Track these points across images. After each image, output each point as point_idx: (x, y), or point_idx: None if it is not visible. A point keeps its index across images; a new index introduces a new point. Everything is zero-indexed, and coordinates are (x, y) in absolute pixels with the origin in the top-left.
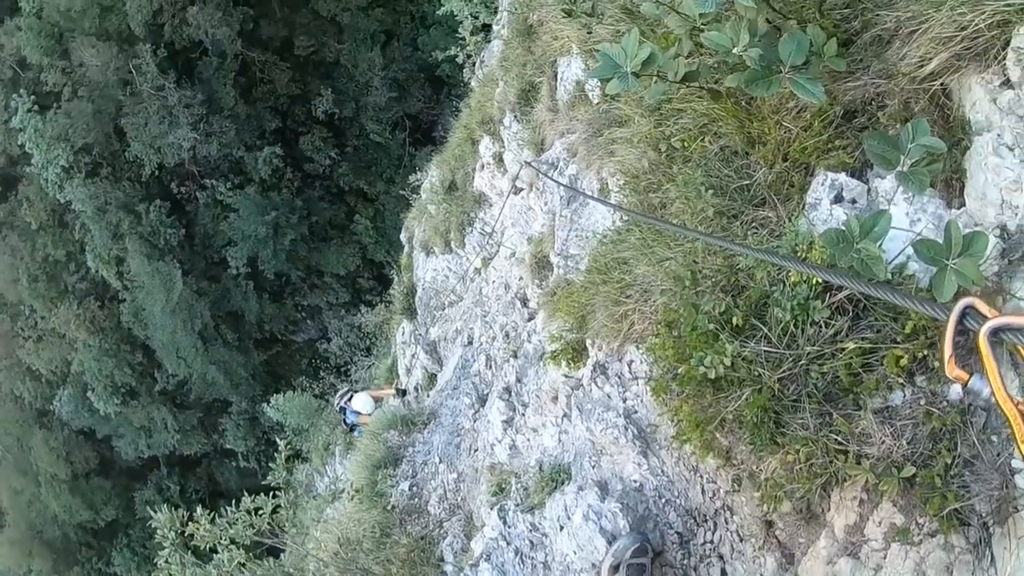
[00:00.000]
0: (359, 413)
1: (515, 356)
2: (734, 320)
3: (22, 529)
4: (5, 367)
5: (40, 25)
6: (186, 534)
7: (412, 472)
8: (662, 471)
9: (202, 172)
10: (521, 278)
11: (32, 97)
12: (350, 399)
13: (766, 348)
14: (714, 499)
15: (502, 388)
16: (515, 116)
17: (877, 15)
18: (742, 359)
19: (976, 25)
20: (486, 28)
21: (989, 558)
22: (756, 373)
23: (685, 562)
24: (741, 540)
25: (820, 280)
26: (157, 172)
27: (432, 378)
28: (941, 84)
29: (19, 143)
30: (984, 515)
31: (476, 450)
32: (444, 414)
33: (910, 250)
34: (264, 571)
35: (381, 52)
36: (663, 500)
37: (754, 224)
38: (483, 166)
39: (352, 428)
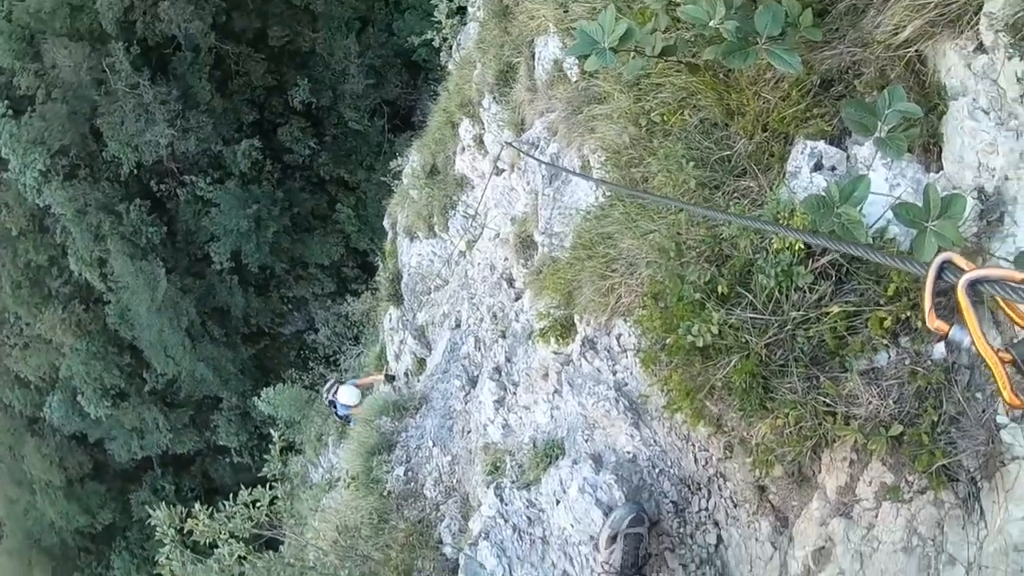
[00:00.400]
0: (348, 406)
1: (503, 336)
2: (719, 289)
3: (20, 539)
4: None
5: (10, 28)
6: (185, 531)
7: (406, 457)
8: (654, 441)
9: (181, 168)
10: (506, 259)
11: (6, 102)
12: (336, 392)
13: (752, 315)
14: (707, 467)
15: (492, 368)
16: (494, 97)
17: None
18: (729, 326)
19: None
20: (461, 11)
21: (979, 512)
22: (743, 340)
23: (681, 530)
24: (735, 506)
25: (803, 246)
26: (136, 171)
27: (422, 363)
28: (916, 51)
29: None
30: (972, 471)
31: (469, 432)
32: (435, 398)
33: (890, 214)
34: (265, 563)
35: (356, 39)
36: (657, 470)
37: (736, 194)
38: (464, 149)
39: (346, 420)
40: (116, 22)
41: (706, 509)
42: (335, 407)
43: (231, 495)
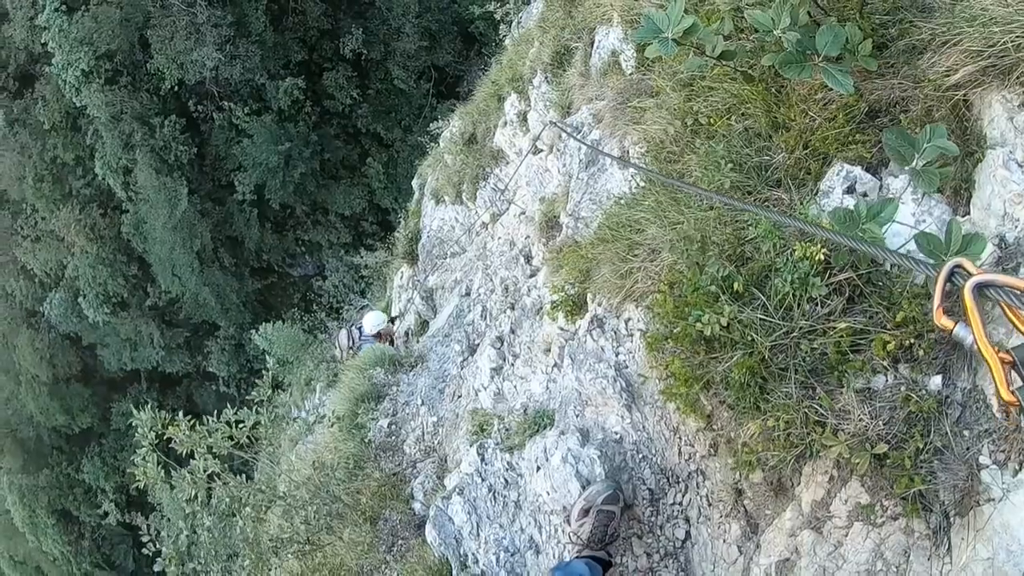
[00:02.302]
0: (370, 335)
1: (512, 308)
2: (735, 286)
3: None
4: (0, 263)
5: None
6: (164, 438)
7: (393, 411)
8: (643, 427)
9: (221, 94)
10: (528, 236)
11: None
12: (359, 327)
13: (762, 316)
14: (689, 462)
15: (495, 337)
16: (546, 77)
17: (915, 25)
18: (738, 322)
19: (1004, 44)
20: None
21: (946, 546)
22: (749, 338)
23: (652, 519)
24: (709, 505)
25: (821, 258)
26: (176, 88)
27: (424, 324)
28: (964, 96)
29: (42, 41)
30: (947, 504)
31: (460, 396)
32: (432, 359)
33: (912, 245)
34: (236, 484)
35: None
36: (640, 456)
37: (767, 203)
38: (506, 123)
39: None
40: None
41: (680, 503)
42: (353, 342)
43: (215, 413)
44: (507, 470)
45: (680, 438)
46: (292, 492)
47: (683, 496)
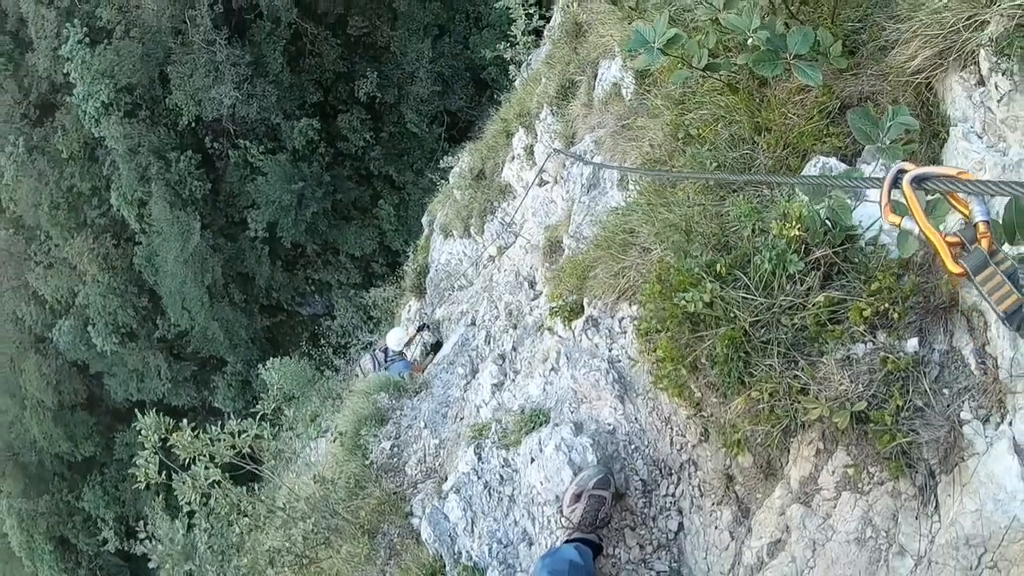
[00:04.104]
0: (395, 351)
1: (514, 328)
2: (718, 268)
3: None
4: (12, 287)
5: None
6: (167, 444)
7: (396, 433)
8: (636, 419)
9: (237, 131)
10: (532, 266)
11: (85, 29)
12: (383, 349)
13: (744, 295)
14: (681, 452)
15: (497, 355)
16: (551, 110)
17: (883, 27)
18: (720, 299)
19: (955, 27)
20: (537, 33)
21: (934, 504)
22: (732, 314)
23: (645, 511)
24: (701, 495)
25: (797, 235)
26: (194, 124)
27: (429, 356)
28: (926, 80)
29: (64, 71)
30: (931, 462)
31: (462, 418)
32: (436, 385)
33: (885, 226)
34: (236, 494)
35: (432, 45)
36: (632, 446)
37: (749, 198)
38: (513, 158)
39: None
40: None
41: (673, 495)
42: (379, 365)
43: (220, 424)
44: (503, 467)
45: (672, 428)
46: (292, 503)
47: (676, 488)
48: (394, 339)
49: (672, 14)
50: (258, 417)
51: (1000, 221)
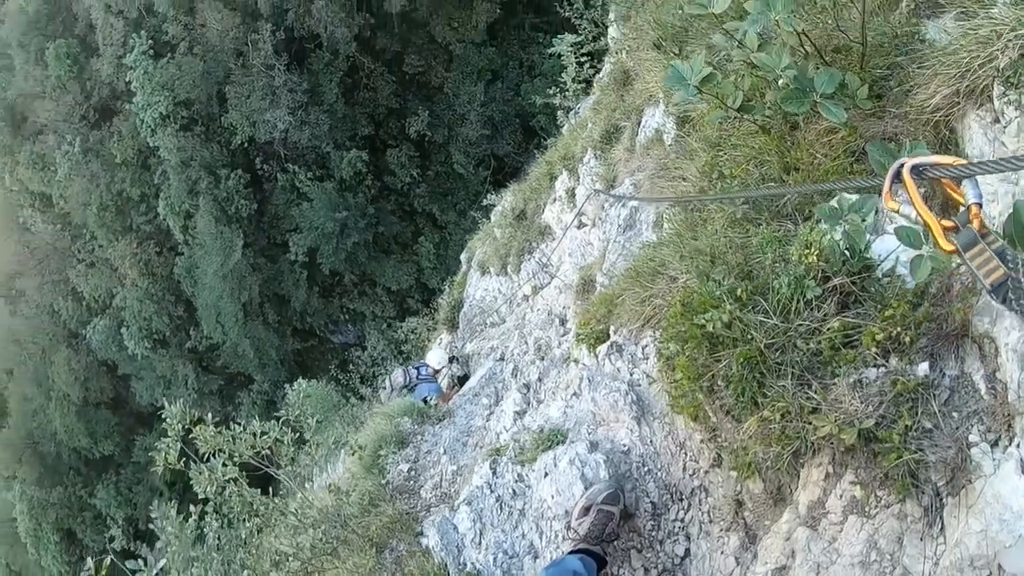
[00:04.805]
0: (435, 369)
1: (541, 360)
2: (739, 292)
3: (20, 435)
4: (52, 281)
5: None
6: (190, 436)
7: (415, 457)
8: (651, 441)
9: (288, 156)
10: (565, 305)
11: (150, 41)
12: (418, 366)
13: (762, 318)
14: (693, 477)
15: (522, 384)
16: (595, 154)
17: (908, 72)
18: (739, 320)
19: (970, 64)
20: (588, 83)
21: (939, 526)
22: (749, 336)
23: (653, 534)
24: (710, 521)
25: (817, 262)
26: (246, 144)
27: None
28: (944, 117)
29: (127, 80)
30: (938, 483)
31: (482, 447)
32: (460, 415)
33: (901, 258)
34: (250, 493)
35: (484, 89)
36: (645, 468)
37: (775, 233)
38: (555, 200)
39: (425, 401)
40: (271, 4)
41: (682, 520)
42: (409, 380)
43: (243, 426)
44: (517, 481)
45: (686, 453)
46: (304, 509)
47: (685, 513)
48: (434, 358)
49: (710, 57)
50: (280, 421)
51: (1002, 232)
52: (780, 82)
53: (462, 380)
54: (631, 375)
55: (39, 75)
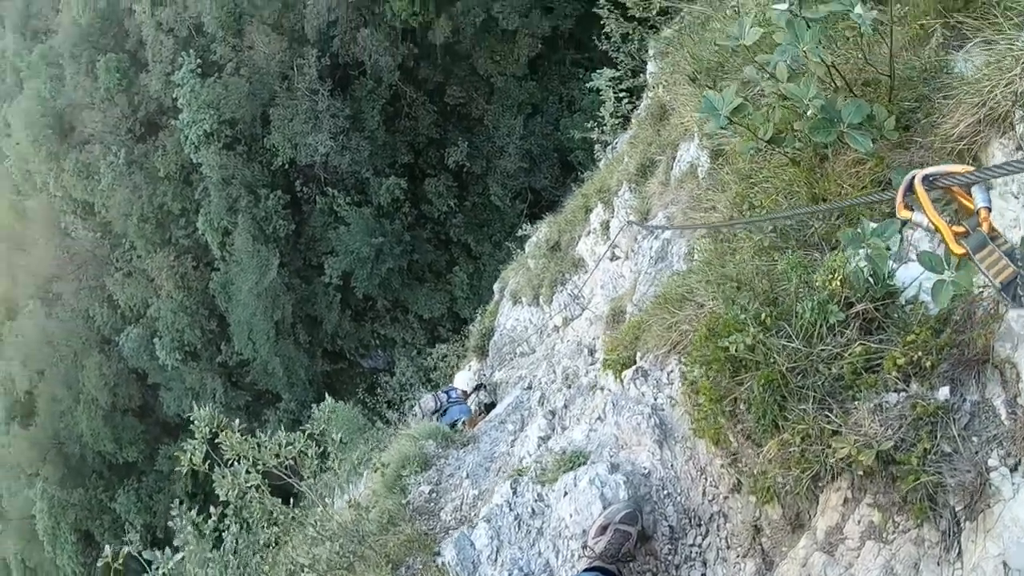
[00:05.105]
0: (464, 392)
1: (568, 387)
2: (763, 317)
3: (47, 434)
4: (89, 287)
5: (225, 1)
6: (216, 441)
7: (437, 480)
8: (672, 465)
9: (327, 179)
10: (595, 336)
11: (198, 60)
12: (447, 391)
13: (785, 342)
14: (713, 503)
15: (548, 411)
16: (630, 187)
17: (935, 104)
18: (762, 344)
19: (992, 94)
20: (625, 119)
21: (956, 551)
22: (772, 359)
23: (669, 558)
24: (728, 547)
25: (840, 288)
26: (287, 165)
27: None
28: (968, 146)
29: (173, 96)
30: (956, 508)
31: (505, 472)
32: (484, 441)
33: (924, 285)
34: (272, 503)
35: (524, 123)
36: (665, 492)
37: (801, 261)
38: (589, 232)
39: (453, 426)
40: (318, 30)
41: (699, 546)
42: (440, 405)
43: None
44: (536, 501)
45: (706, 478)
46: (324, 522)
47: (703, 539)
48: (462, 380)
49: (744, 91)
50: (306, 434)
51: (1018, 255)
52: (808, 112)
53: (488, 408)
54: (655, 399)
55: (88, 86)
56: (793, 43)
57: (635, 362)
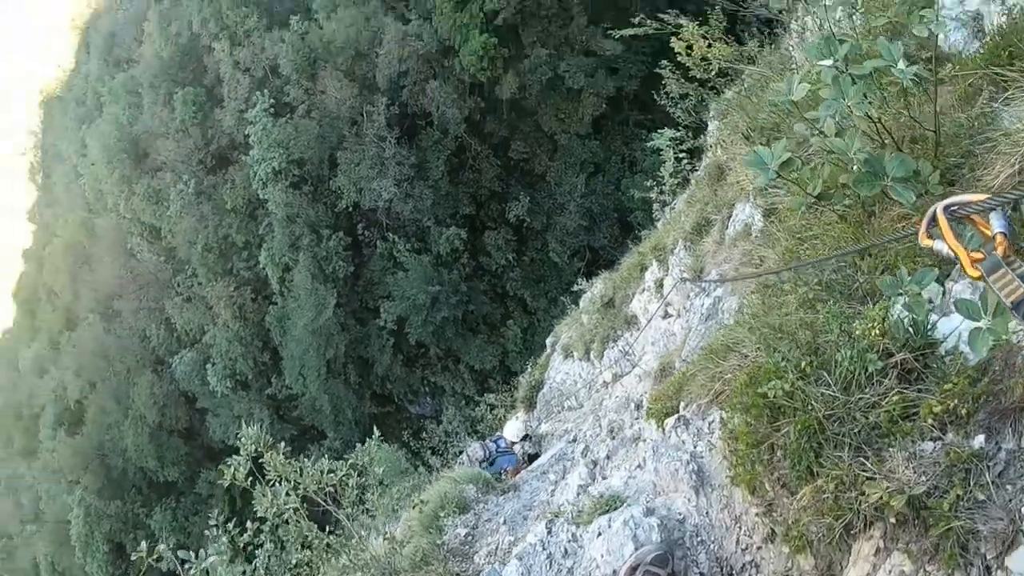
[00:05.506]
0: (511, 442)
1: (612, 439)
2: (803, 365)
3: (91, 444)
4: (148, 308)
5: (301, 46)
6: (260, 461)
7: (474, 523)
8: (707, 513)
9: (389, 225)
10: (643, 392)
11: (271, 100)
12: (496, 439)
13: (824, 390)
14: (746, 552)
15: (590, 460)
16: (685, 245)
17: (980, 159)
18: (801, 391)
19: None
20: (685, 180)
21: None
22: (810, 406)
23: None
24: None
25: (880, 338)
26: (351, 208)
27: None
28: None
29: (245, 133)
30: (988, 556)
31: (543, 519)
32: (525, 490)
33: (963, 337)
34: (308, 527)
35: (585, 181)
36: (699, 539)
37: (844, 312)
38: (643, 290)
39: (498, 476)
40: (388, 80)
41: None
42: (489, 454)
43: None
44: (570, 541)
45: (740, 527)
46: (359, 552)
47: None
48: (511, 430)
49: (798, 151)
50: (348, 464)
51: None
52: (853, 167)
53: (532, 458)
54: (695, 447)
55: (165, 116)
56: (838, 98)
57: (678, 411)
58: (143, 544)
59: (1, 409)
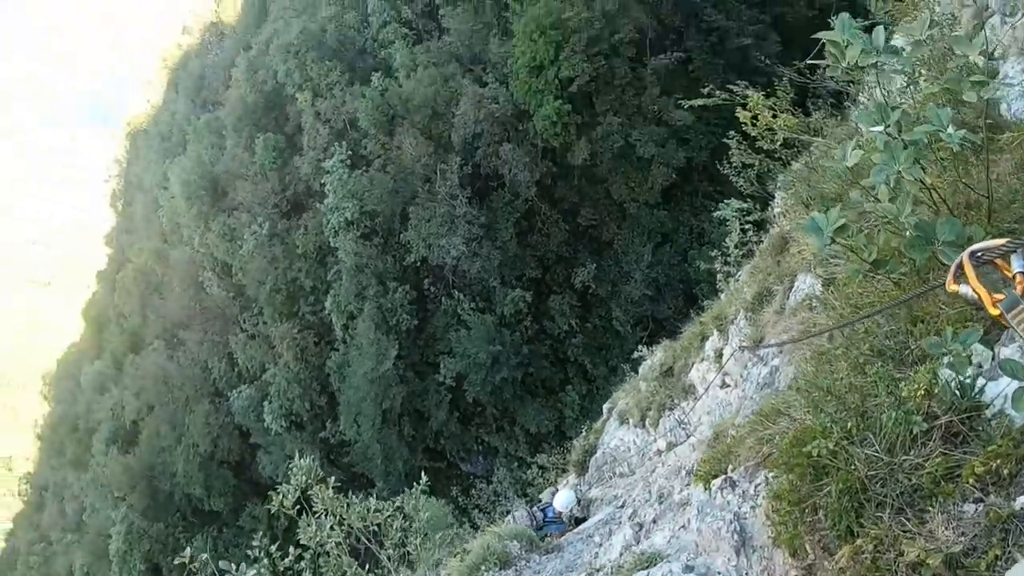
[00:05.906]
0: (559, 511)
1: (660, 503)
2: (849, 426)
3: (142, 465)
4: (212, 341)
5: (380, 101)
6: (307, 493)
7: None
8: (746, 574)
9: (455, 282)
10: (696, 460)
11: (348, 152)
12: (544, 508)
13: (868, 451)
14: None
15: (636, 523)
16: (746, 315)
17: None
18: (845, 451)
19: None
20: (751, 252)
21: None
22: (852, 466)
23: None
24: None
25: (925, 400)
26: (419, 263)
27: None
28: None
29: (321, 181)
30: None
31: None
32: (569, 551)
33: (1008, 402)
34: (348, 563)
35: (652, 251)
36: None
37: (895, 379)
38: (703, 359)
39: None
40: (463, 140)
41: None
42: (536, 522)
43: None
44: None
45: None
46: None
47: None
48: (561, 501)
49: (858, 220)
50: (394, 505)
51: None
52: (907, 233)
53: (578, 522)
54: (739, 508)
55: (245, 159)
56: (890, 163)
57: (726, 472)
58: (187, 550)
59: (58, 419)
